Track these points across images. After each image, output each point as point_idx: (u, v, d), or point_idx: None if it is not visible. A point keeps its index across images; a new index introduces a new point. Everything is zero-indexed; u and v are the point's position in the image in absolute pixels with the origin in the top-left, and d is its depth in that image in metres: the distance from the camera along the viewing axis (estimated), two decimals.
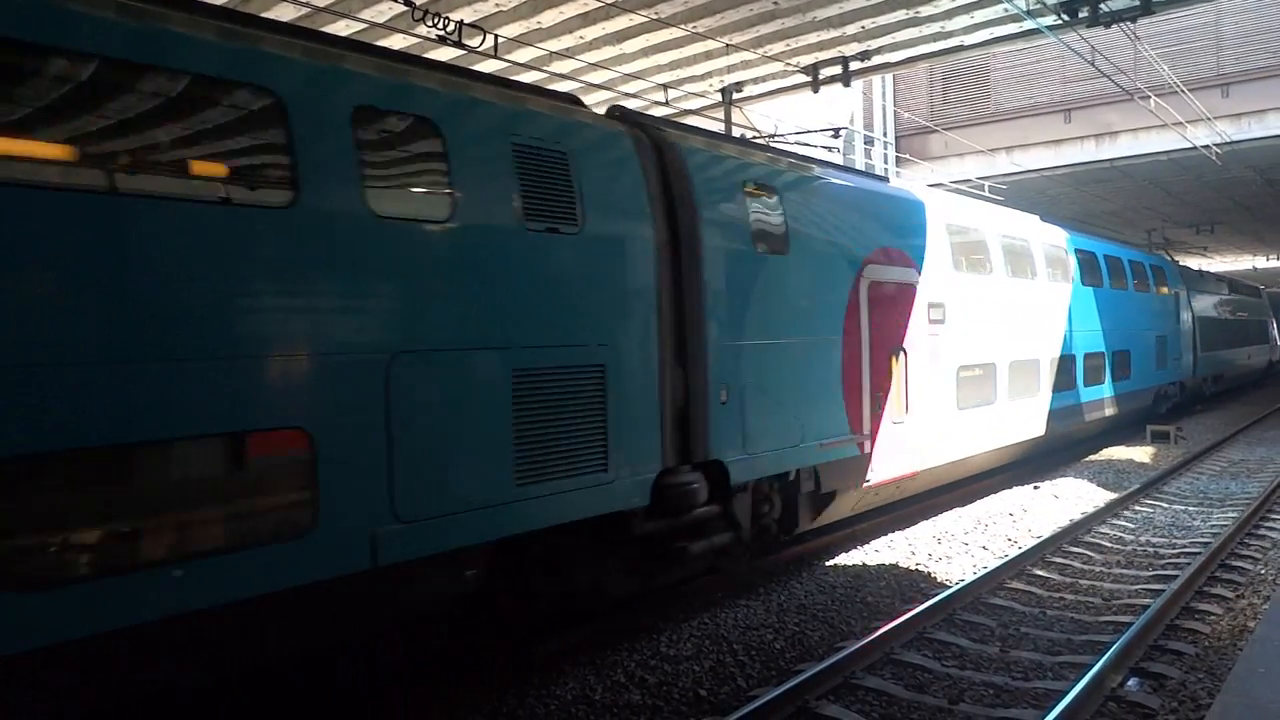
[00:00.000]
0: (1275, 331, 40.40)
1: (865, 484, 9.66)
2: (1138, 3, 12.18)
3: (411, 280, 5.42)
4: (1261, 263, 47.99)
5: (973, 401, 11.76)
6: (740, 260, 7.81)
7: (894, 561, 9.52)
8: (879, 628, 7.13)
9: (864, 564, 9.41)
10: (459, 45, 9.28)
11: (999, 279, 12.79)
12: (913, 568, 9.34)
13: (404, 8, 10.13)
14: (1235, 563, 9.42)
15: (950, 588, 8.28)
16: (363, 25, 12.35)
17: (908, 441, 10.32)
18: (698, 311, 7.32)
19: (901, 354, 10.26)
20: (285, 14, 12.22)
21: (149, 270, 4.41)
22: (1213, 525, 11.23)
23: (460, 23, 9.37)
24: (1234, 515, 11.59)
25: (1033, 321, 13.75)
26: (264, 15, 9.93)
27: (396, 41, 13.11)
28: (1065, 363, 14.85)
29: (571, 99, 7.22)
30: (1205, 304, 26.10)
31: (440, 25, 9.08)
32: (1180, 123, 18.36)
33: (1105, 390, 16.82)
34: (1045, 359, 14.07)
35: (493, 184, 5.91)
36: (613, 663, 6.65)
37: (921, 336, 10.66)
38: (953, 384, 11.29)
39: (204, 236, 4.59)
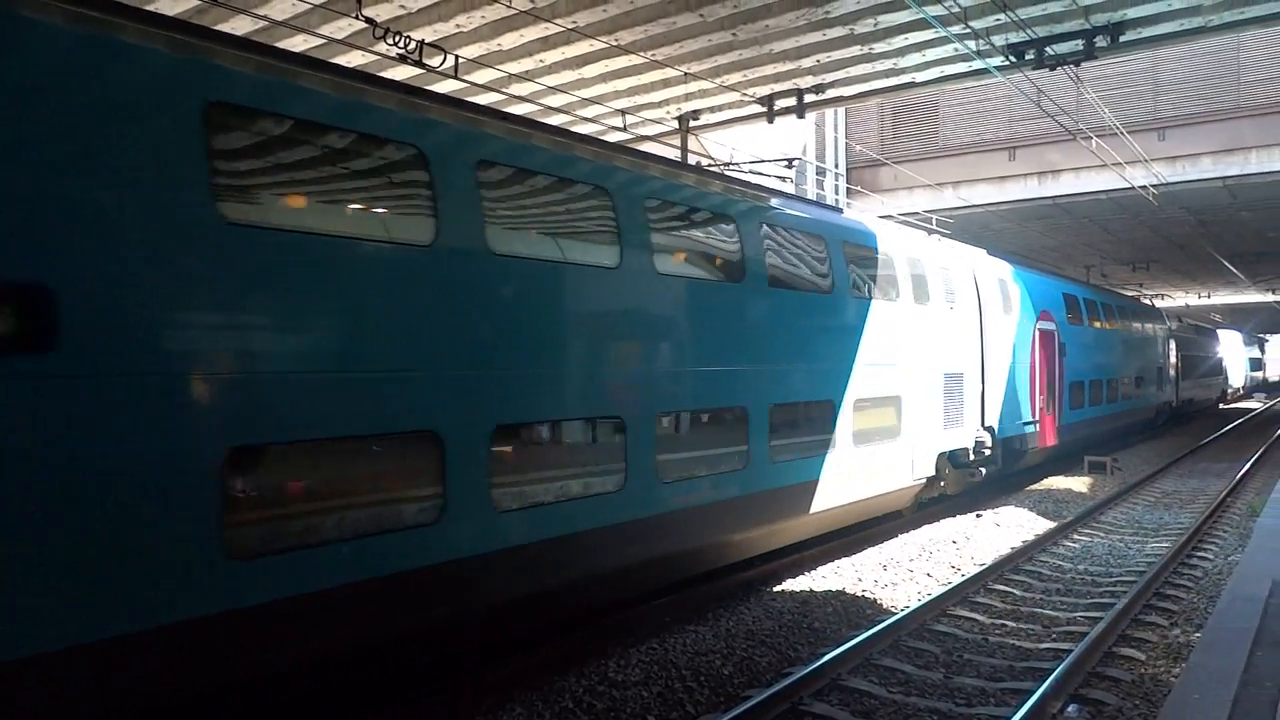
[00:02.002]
0: (1225, 366, 50.98)
1: (1036, 448, 16.83)
2: (1081, 48, 12.63)
3: (928, 336, 12.46)
4: (1194, 300, 49.72)
5: (1077, 404, 19.45)
6: (997, 320, 15.03)
7: (841, 588, 9.61)
8: (826, 654, 7.19)
9: (811, 590, 9.48)
10: (419, 64, 9.26)
11: (1084, 327, 20.36)
12: (859, 594, 9.43)
13: (364, 25, 10.09)
14: (1169, 591, 9.69)
15: (896, 614, 8.39)
16: (320, 41, 12.26)
17: (1051, 425, 17.65)
18: (985, 346, 14.39)
19: (1048, 372, 17.60)
20: (242, 27, 12.09)
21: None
22: (1148, 555, 11.54)
23: (421, 42, 9.35)
24: (1168, 545, 11.92)
25: (1104, 355, 21.96)
26: (218, 29, 9.83)
27: (355, 59, 13.04)
28: (1114, 383, 22.91)
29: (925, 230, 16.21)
30: (1182, 344, 34.28)
31: (401, 44, 9.06)
32: (1119, 163, 19.00)
33: (1133, 403, 25.24)
34: (1105, 381, 22.03)
35: (944, 287, 13.10)
36: (560, 688, 6.59)
37: (1058, 364, 18.09)
38: (1068, 392, 18.71)
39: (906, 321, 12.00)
